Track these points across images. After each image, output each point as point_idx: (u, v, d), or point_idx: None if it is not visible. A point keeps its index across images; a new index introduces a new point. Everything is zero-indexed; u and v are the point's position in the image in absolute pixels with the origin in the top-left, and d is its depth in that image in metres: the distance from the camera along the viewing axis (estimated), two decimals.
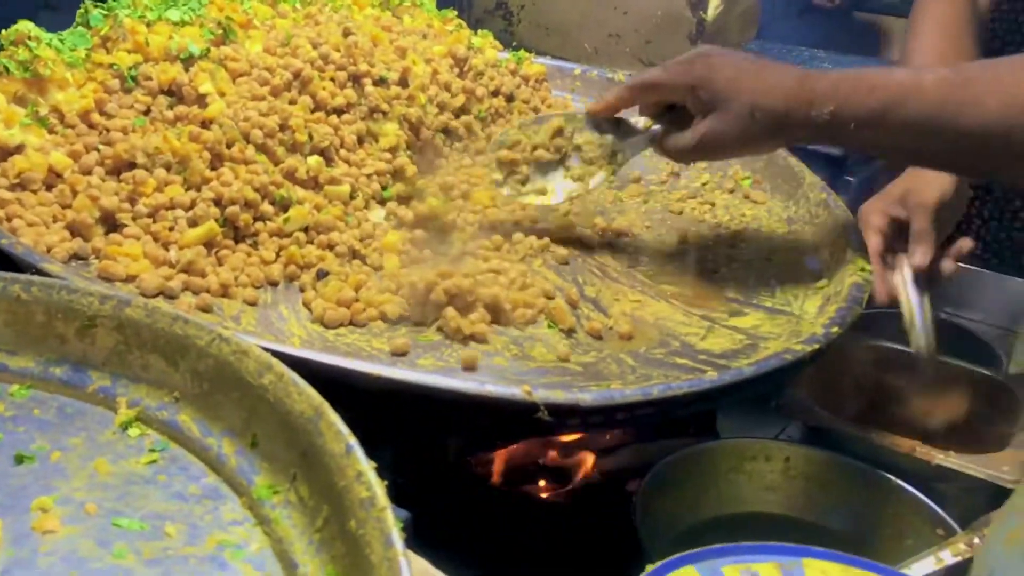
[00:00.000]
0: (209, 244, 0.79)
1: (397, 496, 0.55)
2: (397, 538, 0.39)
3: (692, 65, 0.81)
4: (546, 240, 0.92)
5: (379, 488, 0.42)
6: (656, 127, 0.88)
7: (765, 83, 0.79)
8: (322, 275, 0.78)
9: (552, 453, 0.91)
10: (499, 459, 0.89)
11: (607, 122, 0.90)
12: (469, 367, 0.70)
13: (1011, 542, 0.59)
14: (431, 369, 0.70)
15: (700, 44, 1.25)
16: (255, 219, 0.82)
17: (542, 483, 0.90)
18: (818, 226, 0.97)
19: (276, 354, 0.54)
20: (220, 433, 0.53)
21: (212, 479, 0.51)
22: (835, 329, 0.74)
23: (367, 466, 0.43)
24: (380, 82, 0.96)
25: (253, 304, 0.75)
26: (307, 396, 0.48)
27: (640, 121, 0.89)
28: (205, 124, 0.86)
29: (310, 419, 0.47)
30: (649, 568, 0.54)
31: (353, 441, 0.45)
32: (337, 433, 0.46)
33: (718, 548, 0.56)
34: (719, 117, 0.80)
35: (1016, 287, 1.53)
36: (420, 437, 0.78)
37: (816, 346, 0.71)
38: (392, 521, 0.40)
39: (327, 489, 0.45)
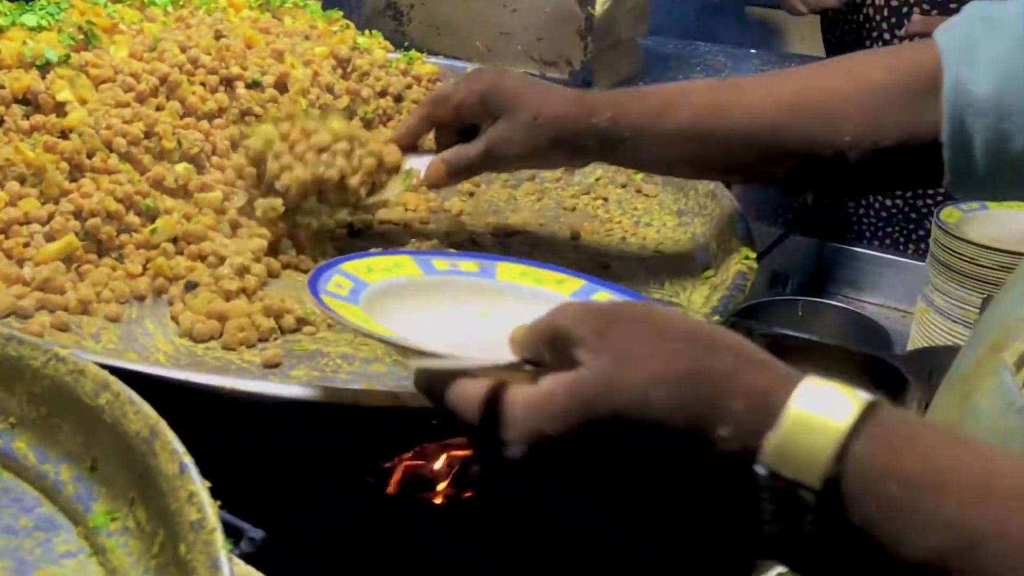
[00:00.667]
0: (69, 259, 0.75)
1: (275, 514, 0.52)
2: (224, 562, 0.37)
3: (482, 76, 0.83)
4: (435, 241, 0.90)
5: (210, 509, 0.39)
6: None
7: (548, 94, 0.80)
8: (191, 286, 0.74)
9: (448, 460, 0.89)
10: (395, 469, 0.87)
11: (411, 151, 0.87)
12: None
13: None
14: (304, 380, 0.67)
15: (591, 40, 1.25)
16: (119, 231, 0.78)
17: (439, 490, 0.88)
18: (707, 217, 0.97)
19: (121, 372, 0.51)
20: (57, 459, 0.49)
21: (46, 509, 0.48)
22: (715, 318, 0.73)
23: (200, 486, 0.41)
24: (254, 85, 0.92)
25: (116, 320, 0.72)
26: (143, 415, 0.45)
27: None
28: (64, 134, 0.82)
29: (145, 439, 0.44)
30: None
31: (187, 460, 0.42)
32: (171, 452, 0.43)
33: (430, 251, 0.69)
34: (506, 123, 0.80)
35: (911, 269, 1.58)
36: (297, 450, 0.75)
37: None
38: (221, 543, 0.38)
39: (162, 512, 0.42)
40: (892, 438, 0.38)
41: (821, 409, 0.39)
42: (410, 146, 0.87)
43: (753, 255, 0.84)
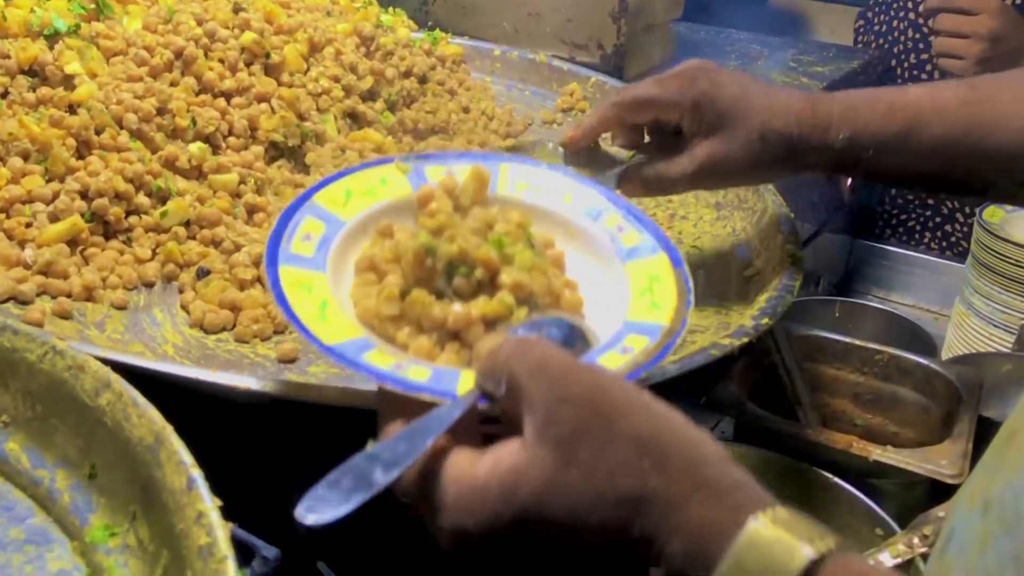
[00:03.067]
0: (74, 242, 0.70)
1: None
2: None
3: (693, 79, 0.69)
4: None
5: (221, 532, 0.35)
6: (641, 156, 0.73)
7: (775, 104, 0.68)
8: (203, 273, 0.69)
9: None
10: None
11: (582, 153, 0.73)
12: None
13: (972, 499, 0.56)
14: (323, 376, 0.62)
15: (623, 24, 1.19)
16: (128, 213, 0.73)
17: None
18: (747, 211, 0.92)
19: (125, 367, 0.46)
20: (54, 464, 0.45)
21: (40, 520, 0.43)
22: (765, 320, 0.68)
23: (210, 505, 0.36)
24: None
25: (122, 308, 0.67)
26: (148, 419, 0.41)
27: (620, 152, 0.74)
28: (72, 108, 0.77)
29: (149, 447, 0.40)
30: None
31: (196, 474, 0.37)
32: (178, 464, 0.38)
33: (422, 155, 0.58)
34: (723, 139, 0.68)
35: (947, 270, 1.52)
36: (315, 456, 0.71)
37: (745, 339, 0.65)
38: (233, 575, 0.33)
39: (167, 531, 0.38)
40: None
41: (762, 558, 0.35)
42: (589, 145, 0.73)
43: (801, 254, 0.79)
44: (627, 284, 0.53)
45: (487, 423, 0.45)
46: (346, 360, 0.44)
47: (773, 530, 0.35)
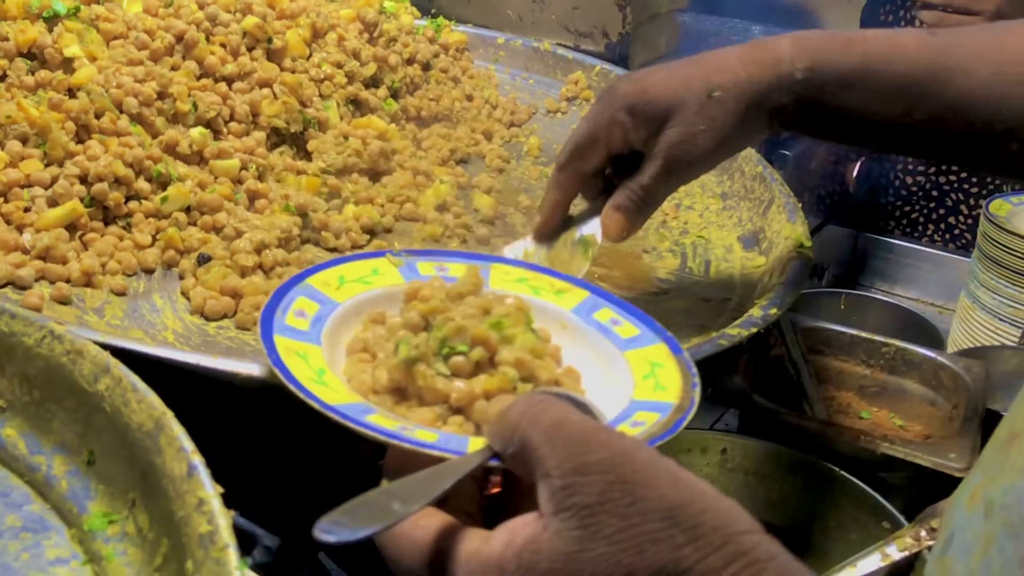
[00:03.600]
0: (73, 227, 0.69)
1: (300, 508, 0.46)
2: None
3: (612, 91, 0.65)
4: (466, 218, 0.84)
5: (222, 520, 0.34)
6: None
7: (709, 62, 0.64)
8: (203, 260, 0.68)
9: None
10: None
11: (558, 232, 0.70)
12: None
13: (972, 499, 0.55)
14: None
15: (629, 12, 1.18)
16: (128, 198, 0.72)
17: None
18: (754, 201, 0.91)
19: (125, 353, 0.46)
20: (51, 449, 0.44)
21: (37, 507, 0.42)
22: (773, 311, 0.67)
23: (211, 492, 0.35)
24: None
25: (121, 294, 0.66)
26: (147, 405, 0.40)
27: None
28: (72, 92, 0.76)
29: (149, 433, 0.39)
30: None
31: (197, 460, 0.36)
32: (179, 450, 0.37)
33: (414, 250, 0.58)
34: (675, 122, 0.63)
35: (951, 263, 1.51)
36: (316, 444, 0.70)
37: (753, 329, 0.64)
38: (234, 564, 0.32)
39: (167, 519, 0.37)
40: None
41: None
42: (562, 221, 0.69)
43: (809, 244, 0.78)
44: (628, 370, 0.51)
45: (488, 498, 0.44)
46: (350, 419, 0.42)
47: None
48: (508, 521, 0.37)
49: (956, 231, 1.60)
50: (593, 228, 0.68)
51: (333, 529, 0.35)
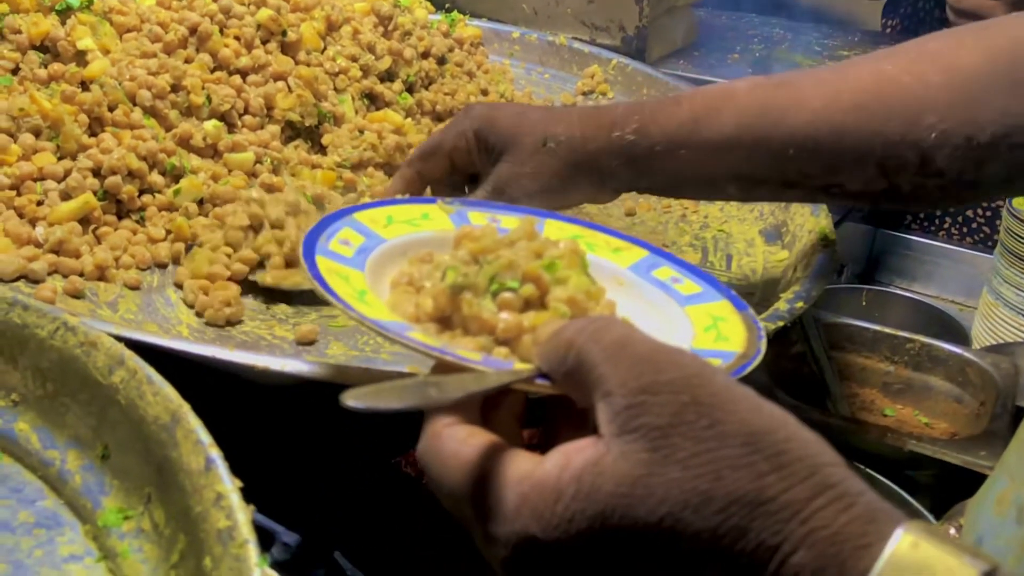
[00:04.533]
0: (86, 220, 0.68)
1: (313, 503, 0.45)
2: None
3: (468, 111, 0.69)
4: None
5: (242, 515, 0.33)
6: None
7: (556, 114, 0.67)
8: (190, 247, 0.68)
9: None
10: None
11: None
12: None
13: (1001, 503, 0.52)
14: (342, 358, 0.60)
15: (646, 5, 1.16)
16: (142, 191, 0.71)
17: None
18: None
19: (139, 345, 0.44)
20: (65, 444, 0.43)
21: (51, 502, 0.41)
22: (800, 304, 0.66)
23: (229, 486, 0.34)
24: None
25: (135, 288, 0.65)
26: (163, 397, 0.39)
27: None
28: (85, 85, 0.75)
29: (165, 426, 0.38)
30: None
31: (215, 454, 0.35)
32: (196, 443, 0.36)
33: (467, 200, 0.58)
34: (509, 158, 0.66)
35: (971, 260, 1.49)
36: (334, 439, 0.69)
37: (780, 323, 0.63)
38: (254, 560, 0.31)
39: (184, 514, 0.36)
40: None
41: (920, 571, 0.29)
42: None
43: (834, 237, 0.76)
44: (689, 323, 0.49)
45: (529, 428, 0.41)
46: (393, 332, 0.40)
47: (930, 543, 0.30)
48: (562, 445, 0.34)
49: (975, 226, 1.58)
50: None
51: (362, 397, 0.32)
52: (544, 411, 0.41)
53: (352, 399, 0.32)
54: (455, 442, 0.35)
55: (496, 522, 0.33)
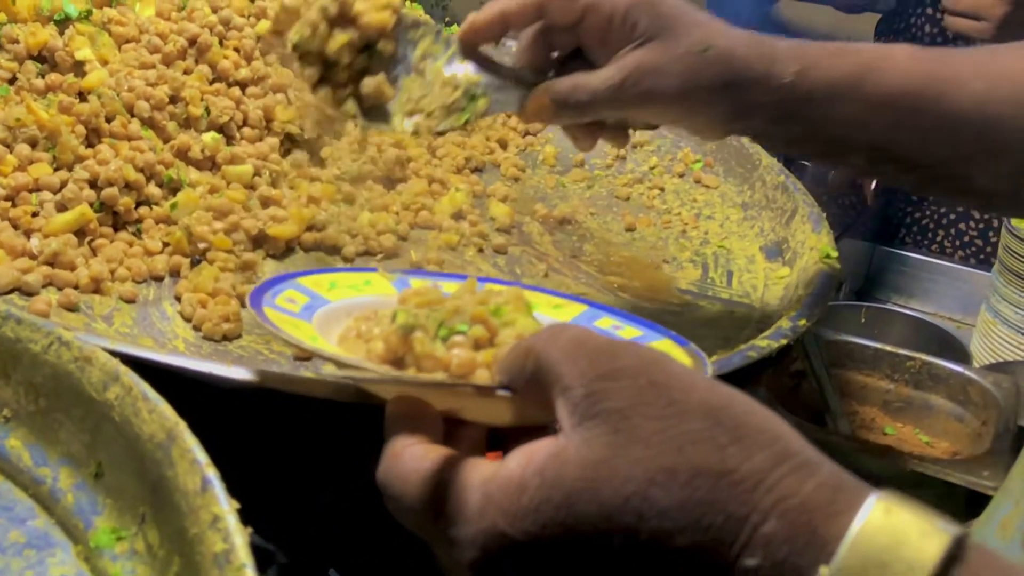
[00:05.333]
0: (82, 233, 0.67)
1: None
2: None
3: None
4: (482, 226, 0.83)
5: (239, 538, 0.32)
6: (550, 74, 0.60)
7: (721, 25, 0.59)
8: (197, 261, 0.67)
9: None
10: None
11: (479, 55, 0.60)
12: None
13: (1005, 528, 0.52)
14: (338, 373, 0.60)
15: None
16: (138, 203, 0.70)
17: None
18: (776, 211, 0.89)
19: (135, 361, 0.44)
20: (57, 461, 0.42)
21: (41, 522, 0.40)
22: (802, 322, 0.65)
23: (226, 508, 0.33)
24: None
25: (131, 301, 0.64)
26: (159, 415, 0.38)
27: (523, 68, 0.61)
28: (82, 95, 0.74)
29: (160, 444, 0.37)
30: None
31: (211, 474, 0.34)
32: (192, 463, 0.35)
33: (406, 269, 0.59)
34: (659, 48, 0.56)
35: (968, 277, 1.49)
36: (331, 451, 0.68)
37: (783, 341, 0.62)
38: None
39: (178, 536, 0.35)
40: None
41: (895, 542, 0.29)
42: (475, 48, 0.60)
43: (835, 254, 0.76)
44: None
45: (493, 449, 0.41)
46: (354, 362, 0.41)
47: (903, 509, 0.30)
48: (522, 446, 0.34)
49: (970, 243, 1.58)
50: (497, 92, 0.58)
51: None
52: (504, 437, 0.40)
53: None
54: (415, 459, 0.35)
55: (461, 525, 0.33)
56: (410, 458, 0.35)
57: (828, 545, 0.30)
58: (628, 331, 0.54)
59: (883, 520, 0.30)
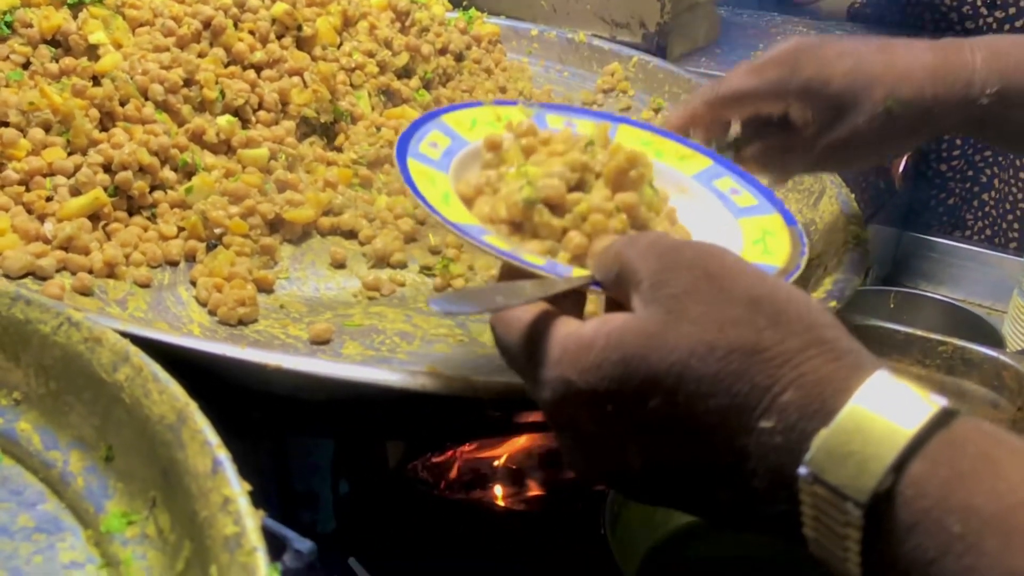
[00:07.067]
0: (96, 217, 0.66)
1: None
2: None
3: (796, 64, 0.60)
4: None
5: (250, 520, 0.30)
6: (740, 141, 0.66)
7: (899, 66, 0.59)
8: (212, 246, 0.66)
9: (508, 453, 0.80)
10: (447, 463, 0.78)
11: None
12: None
13: None
14: (357, 359, 0.58)
15: (667, 1, 1.14)
16: (153, 188, 0.69)
17: (498, 489, 0.79)
18: (803, 192, 0.86)
19: (147, 343, 0.42)
20: (68, 444, 0.41)
21: (52, 506, 0.39)
22: (833, 304, 0.63)
23: (237, 490, 0.32)
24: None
25: (145, 286, 0.63)
26: (169, 395, 0.37)
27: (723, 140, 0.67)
28: (96, 79, 0.73)
29: (171, 426, 0.36)
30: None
31: (222, 455, 0.33)
32: (203, 444, 0.34)
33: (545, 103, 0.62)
34: (844, 125, 0.60)
35: (998, 263, 1.45)
36: (349, 441, 0.67)
37: None
38: (263, 570, 0.29)
39: (189, 519, 0.33)
40: (963, 459, 0.32)
41: (885, 410, 0.32)
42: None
43: (865, 235, 0.74)
44: (740, 235, 0.53)
45: None
46: (469, 235, 0.45)
47: (899, 381, 0.33)
48: (600, 316, 0.40)
49: (1002, 228, 1.55)
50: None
51: (442, 303, 0.39)
52: None
53: (434, 302, 0.39)
54: (518, 310, 0.41)
55: (542, 368, 0.39)
56: (516, 310, 0.41)
57: (833, 414, 0.33)
58: (745, 197, 0.57)
59: (880, 390, 0.33)
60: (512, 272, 0.45)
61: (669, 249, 0.39)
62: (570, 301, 0.43)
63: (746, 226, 0.54)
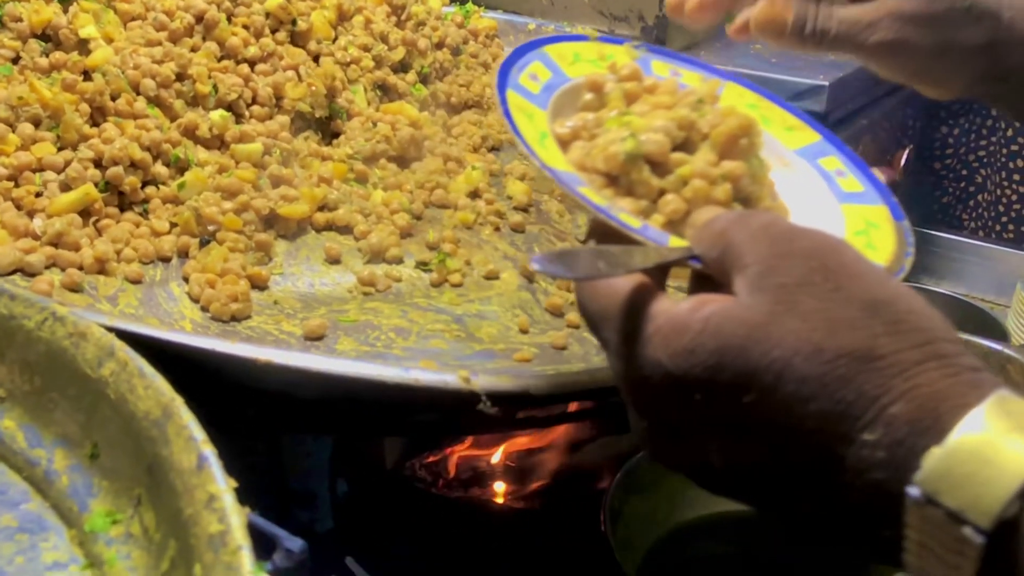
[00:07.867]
0: (87, 213, 0.65)
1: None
2: None
3: None
4: (499, 205, 0.80)
5: (235, 518, 0.29)
6: None
7: None
8: (205, 242, 0.65)
9: (508, 451, 0.79)
10: (444, 461, 0.77)
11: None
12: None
13: None
14: (351, 355, 0.57)
15: None
16: (145, 183, 0.68)
17: (497, 487, 0.78)
18: None
19: (135, 339, 0.41)
20: (52, 442, 0.40)
21: (35, 505, 0.38)
22: None
23: (222, 486, 0.31)
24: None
25: (137, 282, 0.62)
26: (155, 391, 0.36)
27: None
28: (87, 74, 0.72)
29: (156, 421, 0.35)
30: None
31: (208, 451, 0.32)
32: (188, 440, 0.33)
33: (654, 47, 0.57)
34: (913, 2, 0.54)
35: (1002, 257, 1.44)
36: (346, 438, 0.66)
37: None
38: (248, 569, 0.28)
39: (174, 517, 0.33)
40: None
41: (1009, 431, 0.30)
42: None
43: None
44: (842, 222, 0.49)
45: None
46: (565, 183, 0.42)
47: (1021, 401, 0.30)
48: (698, 294, 0.37)
49: (1003, 222, 1.54)
50: None
51: (545, 264, 0.36)
52: None
53: (536, 263, 0.36)
54: (615, 281, 0.38)
55: (631, 345, 0.36)
56: (613, 279, 0.38)
57: (946, 431, 0.30)
58: (850, 181, 0.52)
59: (1001, 410, 0.30)
60: (601, 228, 0.42)
61: (783, 235, 0.36)
62: (657, 268, 0.41)
63: (849, 214, 0.50)
